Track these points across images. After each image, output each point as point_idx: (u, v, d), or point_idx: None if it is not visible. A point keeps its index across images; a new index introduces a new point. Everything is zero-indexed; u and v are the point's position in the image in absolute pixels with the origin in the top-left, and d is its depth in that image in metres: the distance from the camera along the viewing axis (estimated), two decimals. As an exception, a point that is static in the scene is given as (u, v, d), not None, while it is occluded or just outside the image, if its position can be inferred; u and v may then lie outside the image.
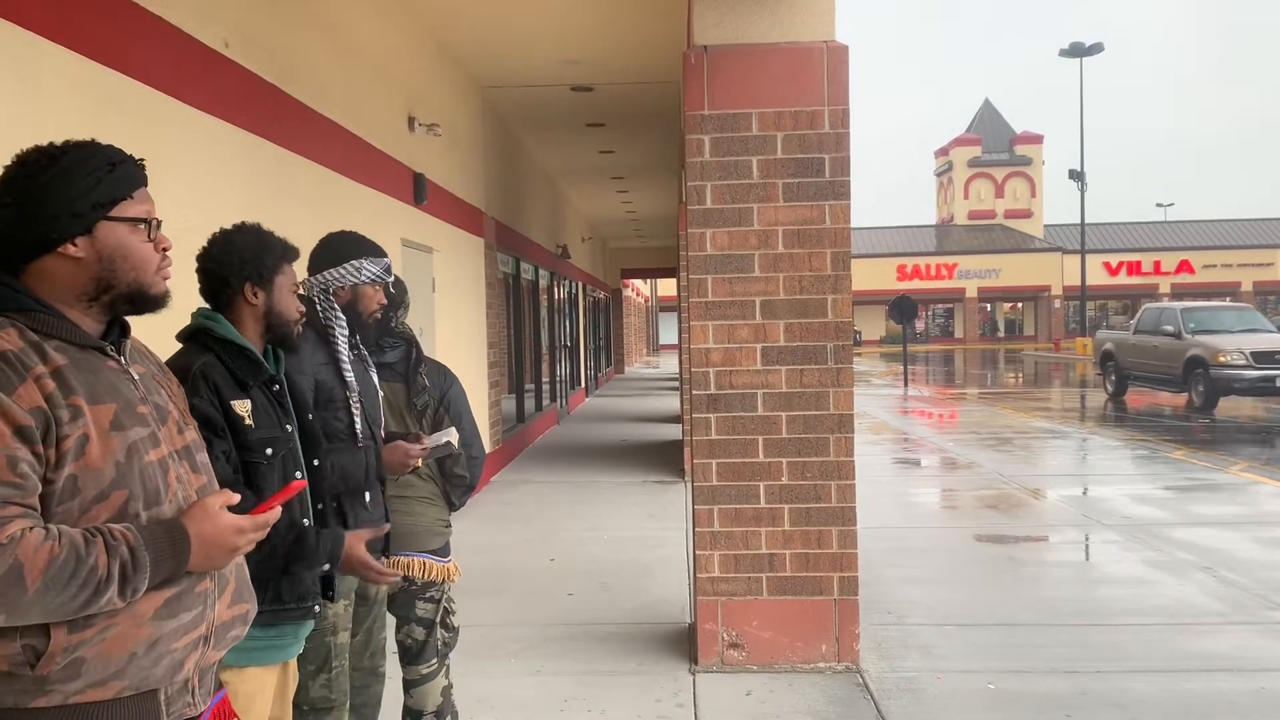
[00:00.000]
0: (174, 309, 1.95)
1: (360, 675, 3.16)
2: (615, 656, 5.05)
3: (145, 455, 1.77)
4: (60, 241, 1.75)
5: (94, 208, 1.76)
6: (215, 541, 1.77)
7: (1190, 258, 58.35)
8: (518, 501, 9.49)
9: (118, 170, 1.81)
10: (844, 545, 4.85)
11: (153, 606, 1.72)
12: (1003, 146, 61.29)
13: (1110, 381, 20.50)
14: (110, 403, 1.74)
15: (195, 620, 1.79)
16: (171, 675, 1.76)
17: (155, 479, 1.78)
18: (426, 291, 8.18)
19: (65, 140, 1.81)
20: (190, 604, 1.78)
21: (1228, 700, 4.39)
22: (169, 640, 1.74)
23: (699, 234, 4.86)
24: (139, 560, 1.66)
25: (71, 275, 1.77)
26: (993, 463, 11.70)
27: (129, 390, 1.81)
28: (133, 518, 1.72)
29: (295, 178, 5.43)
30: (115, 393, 1.77)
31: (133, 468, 1.74)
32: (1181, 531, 7.78)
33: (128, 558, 1.65)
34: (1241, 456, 11.99)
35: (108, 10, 3.70)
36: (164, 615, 1.74)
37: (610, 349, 31.31)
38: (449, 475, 3.52)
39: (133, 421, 1.77)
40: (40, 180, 1.74)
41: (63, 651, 1.63)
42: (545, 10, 8.21)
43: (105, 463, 1.70)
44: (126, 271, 1.81)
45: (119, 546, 1.65)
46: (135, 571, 1.66)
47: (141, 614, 1.71)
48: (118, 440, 1.73)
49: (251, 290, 2.48)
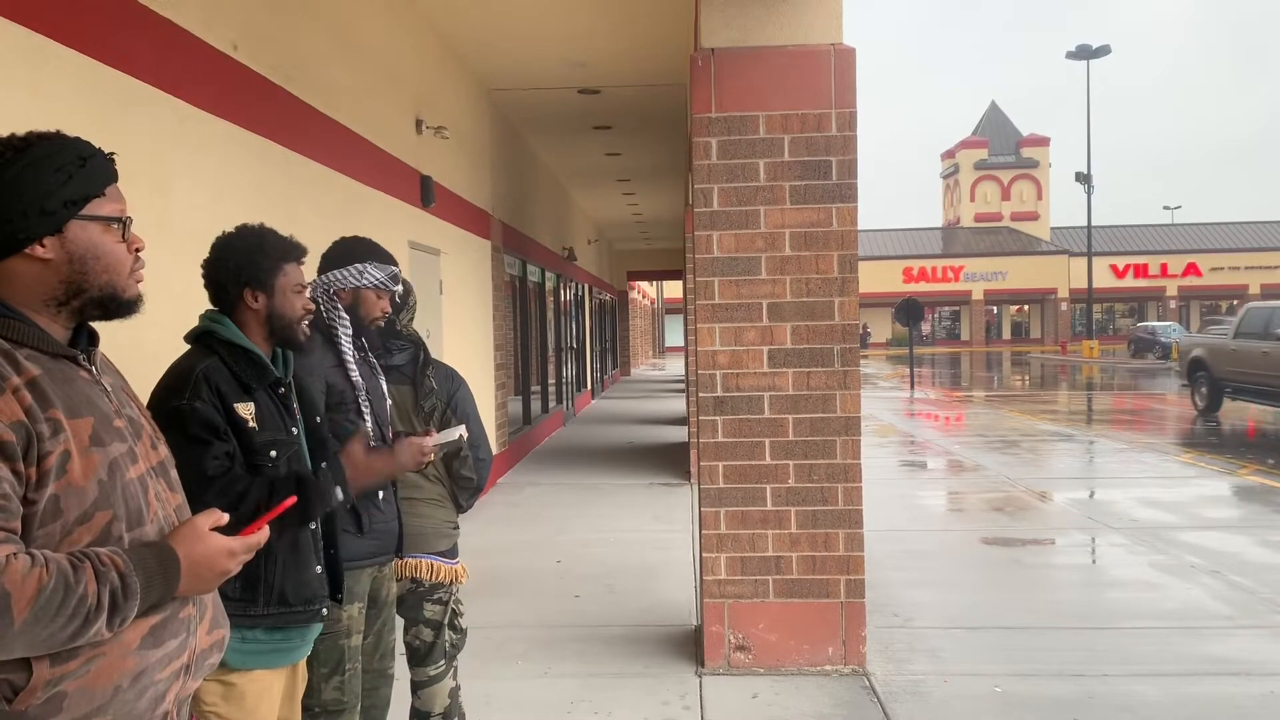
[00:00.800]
0: (184, 310, 1.94)
1: (369, 677, 3.17)
2: (622, 658, 5.05)
3: (126, 472, 1.66)
4: (28, 241, 1.62)
5: (65, 205, 1.63)
6: (205, 564, 1.67)
7: (1197, 260, 58.23)
8: (524, 503, 9.49)
9: (89, 165, 1.68)
10: (851, 548, 4.84)
11: (139, 635, 1.61)
12: (1009, 149, 61.23)
13: (1200, 395, 17.28)
14: (88, 416, 1.63)
15: (179, 648, 1.70)
16: (153, 709, 1.66)
17: (137, 498, 1.67)
18: (434, 294, 8.20)
19: (29, 131, 1.68)
20: (175, 631, 1.69)
21: (1235, 704, 4.38)
22: (153, 671, 1.64)
23: (706, 236, 4.86)
24: (129, 587, 1.55)
25: (39, 278, 1.64)
26: (999, 465, 11.68)
27: (103, 403, 1.69)
28: (116, 540, 1.61)
29: (303, 180, 5.44)
30: (91, 405, 1.65)
31: (115, 486, 1.63)
32: (1189, 535, 7.76)
33: (118, 584, 1.54)
34: None
35: (115, 12, 3.72)
36: (150, 644, 1.63)
37: (616, 351, 31.31)
38: (456, 477, 3.53)
39: (111, 436, 1.66)
40: (6, 175, 1.61)
41: (44, 685, 1.51)
42: (552, 13, 8.23)
43: (88, 481, 1.58)
44: (99, 274, 1.68)
45: (108, 573, 1.53)
46: (126, 599, 1.55)
47: (128, 644, 1.60)
48: (99, 456, 1.61)
49: (251, 294, 2.48)
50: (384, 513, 3.04)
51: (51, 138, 1.68)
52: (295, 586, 2.45)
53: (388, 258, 3.17)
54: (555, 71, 9.94)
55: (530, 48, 9.14)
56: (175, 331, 2.53)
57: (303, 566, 2.48)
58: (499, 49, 9.14)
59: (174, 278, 3.83)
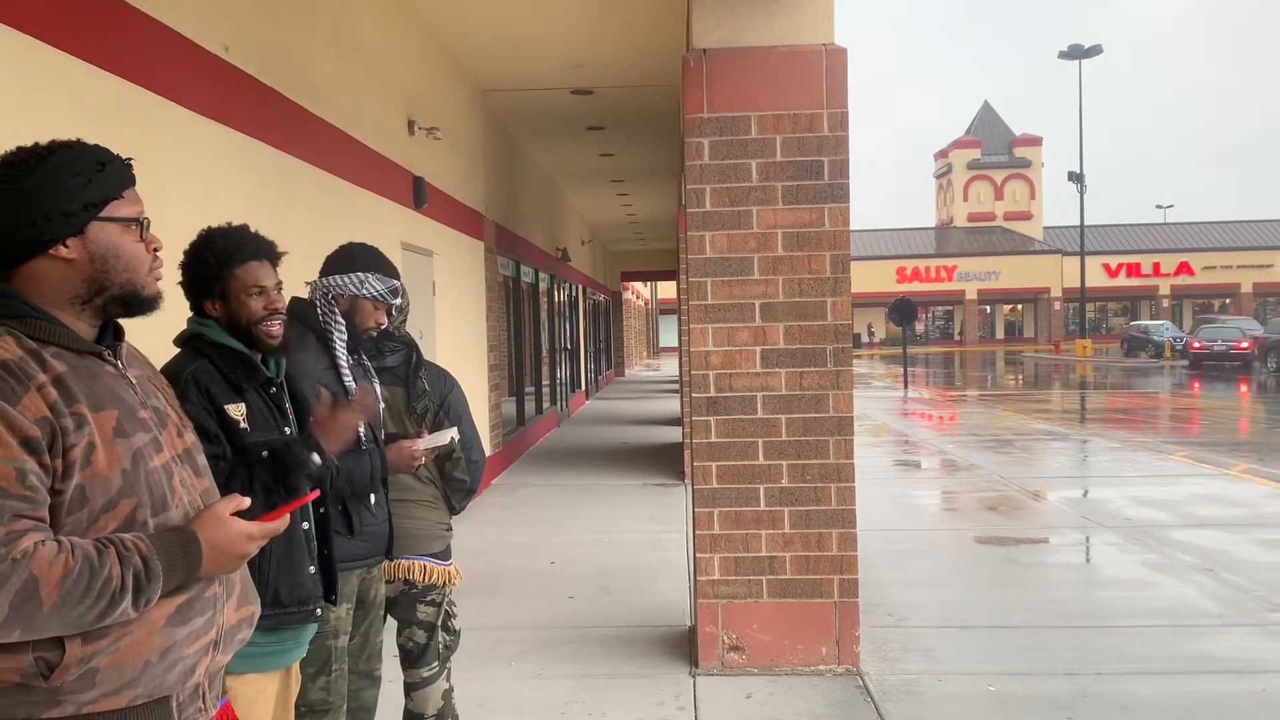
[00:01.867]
0: (174, 313, 1.95)
1: (356, 679, 3.16)
2: (616, 659, 5.05)
3: (150, 461, 1.75)
4: (52, 243, 1.71)
5: (85, 208, 1.73)
6: (226, 548, 1.76)
7: (1190, 259, 58.39)
8: (518, 504, 9.49)
9: (107, 169, 1.78)
10: (844, 548, 4.85)
11: (165, 613, 1.71)
12: (1002, 149, 61.34)
13: None
14: (112, 409, 1.71)
15: (206, 625, 1.78)
16: (184, 681, 1.75)
17: (161, 485, 1.76)
18: (426, 295, 8.19)
19: (51, 140, 1.78)
20: (202, 609, 1.77)
21: (1228, 702, 4.39)
22: (182, 646, 1.73)
23: (698, 237, 4.86)
24: (152, 570, 1.64)
25: (64, 277, 1.74)
26: (993, 464, 11.70)
27: (129, 395, 1.78)
28: (141, 526, 1.70)
29: (295, 182, 5.44)
30: (116, 399, 1.74)
31: (138, 475, 1.71)
32: (1181, 533, 7.78)
33: (141, 568, 1.63)
34: None
35: (108, 15, 3.71)
36: (176, 622, 1.72)
37: (610, 352, 31.30)
38: (449, 479, 3.52)
39: (135, 427, 1.75)
40: (29, 181, 1.71)
41: (77, 663, 1.61)
42: (545, 14, 8.23)
43: (111, 471, 1.67)
44: (119, 272, 1.78)
45: (132, 557, 1.62)
46: (149, 581, 1.64)
47: (155, 621, 1.69)
48: (122, 447, 1.70)
49: (210, 303, 2.49)
50: (375, 515, 3.04)
51: (72, 145, 1.77)
52: (289, 587, 2.45)
53: (391, 270, 3.17)
54: (548, 72, 9.94)
55: (524, 48, 9.14)
56: (166, 334, 2.52)
57: (296, 567, 2.47)
58: (492, 50, 9.14)
59: (166, 280, 3.82)
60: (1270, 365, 27.16)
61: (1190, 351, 32.20)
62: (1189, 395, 22.56)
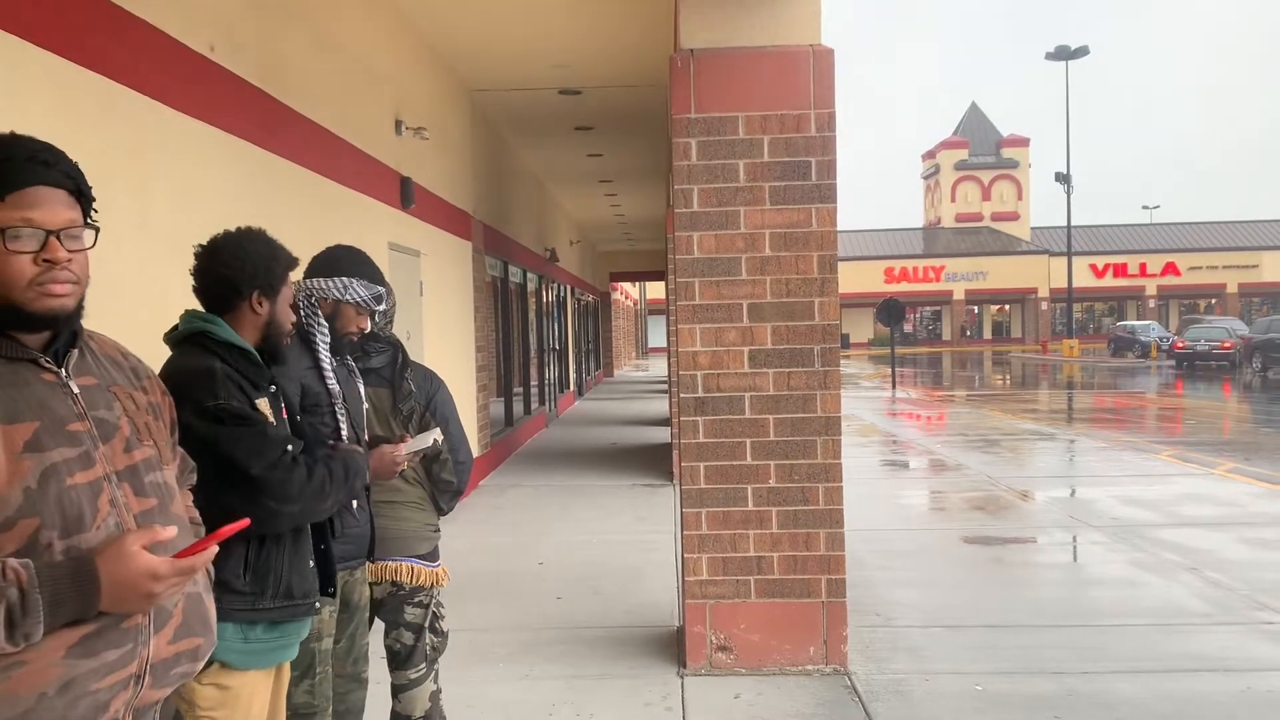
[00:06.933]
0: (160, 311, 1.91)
1: (342, 682, 3.15)
2: (604, 660, 5.04)
3: (68, 478, 1.60)
4: None
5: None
6: (127, 585, 1.57)
7: (1176, 260, 58.70)
8: (506, 505, 9.47)
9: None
10: (832, 548, 4.85)
11: (64, 645, 1.56)
12: (989, 149, 61.56)
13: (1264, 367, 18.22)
14: (31, 420, 1.58)
15: (123, 659, 1.63)
16: (94, 716, 1.60)
17: (78, 504, 1.60)
18: (414, 295, 8.17)
19: None
20: (115, 641, 1.62)
21: (1214, 700, 4.42)
22: (87, 681, 1.58)
23: (686, 237, 4.86)
24: (29, 604, 1.49)
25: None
26: (980, 464, 11.74)
27: (61, 406, 1.63)
28: (45, 548, 1.56)
29: (282, 182, 5.42)
30: (41, 409, 1.60)
31: (46, 493, 1.57)
32: (1168, 533, 7.82)
33: (16, 600, 1.48)
34: None
35: (93, 15, 3.69)
36: (79, 654, 1.57)
37: (599, 352, 31.30)
38: (436, 480, 3.52)
39: (57, 441, 1.60)
40: None
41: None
42: (533, 15, 8.22)
43: (12, 489, 1.53)
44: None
45: (8, 589, 1.48)
46: (25, 616, 1.49)
47: (51, 652, 1.54)
48: (31, 462, 1.56)
49: (258, 300, 2.44)
50: (357, 518, 3.03)
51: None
52: (298, 579, 2.47)
53: (376, 276, 3.16)
54: (537, 72, 9.93)
55: (512, 49, 9.13)
56: (153, 332, 2.50)
57: (303, 559, 2.50)
58: (479, 50, 9.13)
59: (152, 279, 3.80)
60: (1255, 365, 27.54)
61: (1176, 351, 32.43)
62: (1175, 395, 22.68)
